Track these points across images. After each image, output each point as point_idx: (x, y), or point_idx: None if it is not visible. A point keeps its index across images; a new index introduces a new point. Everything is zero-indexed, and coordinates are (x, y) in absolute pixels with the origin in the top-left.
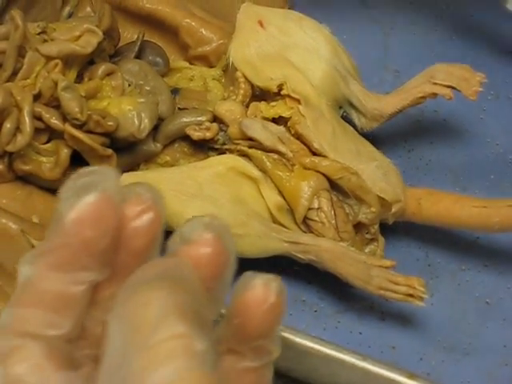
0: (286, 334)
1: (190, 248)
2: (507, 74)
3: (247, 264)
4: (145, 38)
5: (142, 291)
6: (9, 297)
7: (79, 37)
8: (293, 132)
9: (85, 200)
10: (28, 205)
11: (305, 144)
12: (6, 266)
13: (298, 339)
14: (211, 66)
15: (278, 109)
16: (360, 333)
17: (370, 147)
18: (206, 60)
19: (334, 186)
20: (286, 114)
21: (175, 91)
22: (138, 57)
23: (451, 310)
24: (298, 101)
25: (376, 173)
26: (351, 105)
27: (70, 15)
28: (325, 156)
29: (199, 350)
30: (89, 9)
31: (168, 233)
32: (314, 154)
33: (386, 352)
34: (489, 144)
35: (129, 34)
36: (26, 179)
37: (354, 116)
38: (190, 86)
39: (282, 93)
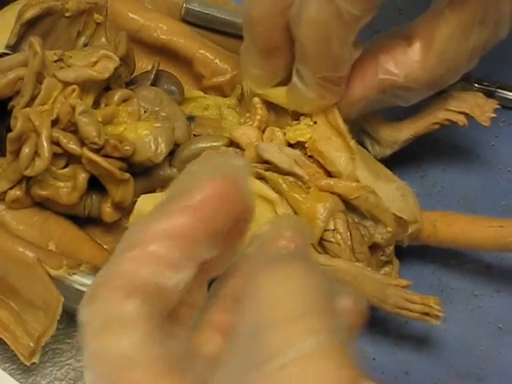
0: None
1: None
2: None
3: None
4: (160, 68)
5: (283, 268)
6: (26, 323)
7: (96, 63)
8: (310, 152)
9: (214, 180)
10: (45, 231)
11: (321, 166)
12: (23, 294)
13: None
14: (225, 96)
15: (297, 134)
16: (374, 358)
17: (386, 169)
18: (220, 90)
19: (349, 207)
20: (304, 138)
21: (190, 119)
22: (153, 85)
23: (464, 336)
24: None
25: (395, 193)
26: (365, 131)
27: (84, 45)
28: (341, 177)
29: (335, 328)
30: (103, 39)
31: None
32: (330, 176)
33: (400, 377)
34: (501, 170)
35: (143, 64)
36: (42, 205)
37: (368, 143)
38: (205, 115)
39: None
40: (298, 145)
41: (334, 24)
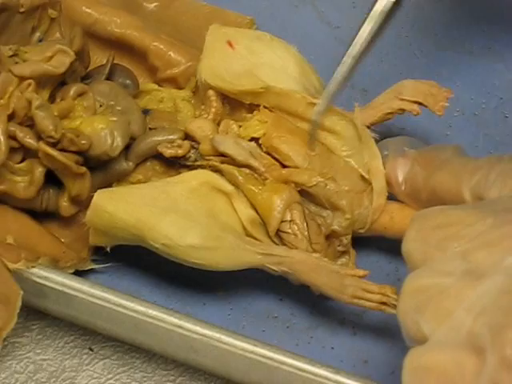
0: (257, 349)
1: None
2: (472, 91)
3: (221, 278)
4: (114, 62)
5: None
6: None
7: (51, 57)
8: (265, 148)
9: None
10: (2, 225)
11: (276, 159)
12: None
13: (270, 353)
14: (180, 88)
15: (250, 130)
16: (332, 348)
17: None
18: (174, 82)
19: (305, 197)
20: (257, 134)
21: (145, 112)
22: (108, 79)
23: None
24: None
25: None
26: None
27: (39, 41)
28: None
29: None
30: (58, 34)
31: (144, 248)
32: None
33: (358, 366)
34: None
35: (98, 58)
36: (0, 199)
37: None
38: (160, 108)
39: (260, 102)
40: (253, 139)
41: None
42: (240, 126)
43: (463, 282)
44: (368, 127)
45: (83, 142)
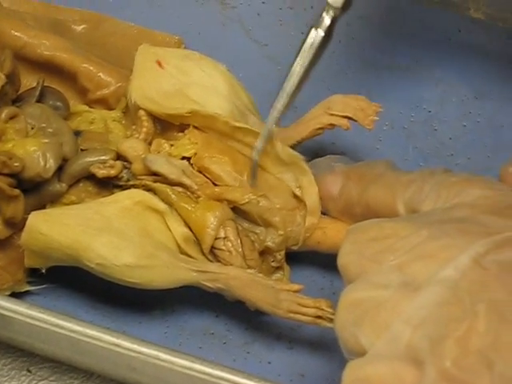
0: (196, 365)
1: None
2: (401, 104)
3: (157, 297)
4: (45, 84)
5: None
6: None
7: None
8: (196, 167)
9: None
10: None
11: (208, 178)
12: None
13: (208, 369)
14: (111, 109)
15: (181, 150)
16: (269, 362)
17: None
18: (105, 103)
19: (238, 215)
20: (188, 154)
21: (77, 133)
22: (38, 102)
23: None
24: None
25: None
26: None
27: None
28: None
29: None
30: None
31: (79, 269)
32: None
33: (296, 380)
34: None
35: (28, 81)
36: None
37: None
38: (91, 129)
39: (190, 122)
40: (185, 158)
41: None
42: (172, 145)
43: (400, 294)
44: (299, 143)
45: (16, 164)
